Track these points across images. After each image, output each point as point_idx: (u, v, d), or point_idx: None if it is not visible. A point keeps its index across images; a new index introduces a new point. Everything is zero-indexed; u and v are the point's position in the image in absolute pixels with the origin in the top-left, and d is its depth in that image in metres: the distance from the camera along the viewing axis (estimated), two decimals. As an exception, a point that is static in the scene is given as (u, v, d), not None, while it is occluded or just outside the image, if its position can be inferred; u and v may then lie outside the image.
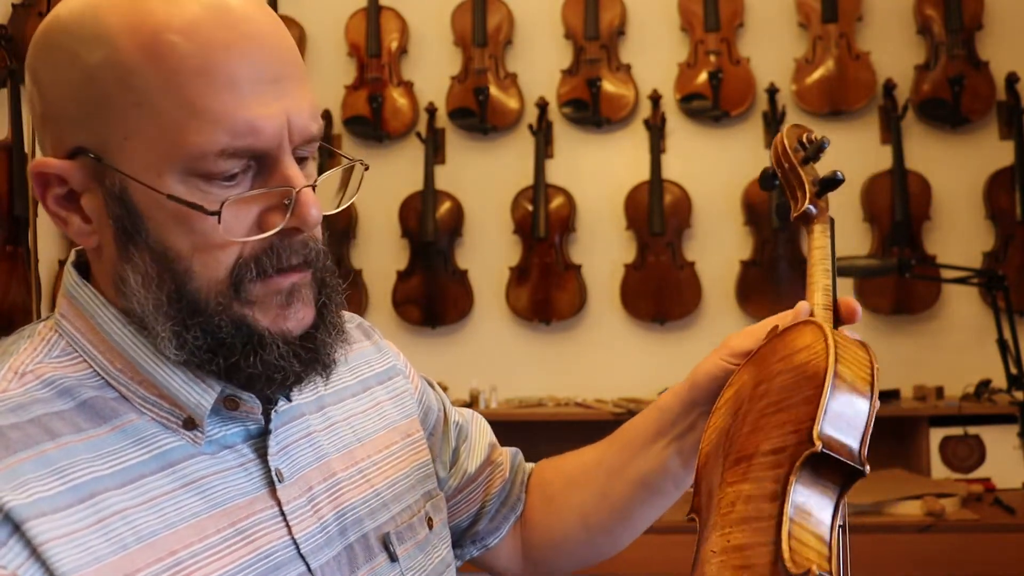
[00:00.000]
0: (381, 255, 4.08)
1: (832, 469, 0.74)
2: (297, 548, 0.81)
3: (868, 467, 0.73)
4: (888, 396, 3.57)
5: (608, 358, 3.85)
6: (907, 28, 3.80)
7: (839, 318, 0.93)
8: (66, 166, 0.76)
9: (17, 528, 0.67)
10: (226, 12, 0.73)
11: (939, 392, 3.56)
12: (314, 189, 0.78)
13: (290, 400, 0.86)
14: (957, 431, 3.40)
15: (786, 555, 0.69)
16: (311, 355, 0.80)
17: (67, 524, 0.69)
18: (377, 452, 0.95)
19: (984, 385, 3.40)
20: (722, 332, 1.00)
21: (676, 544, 2.77)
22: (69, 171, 0.76)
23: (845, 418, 0.75)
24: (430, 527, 0.97)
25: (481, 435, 1.14)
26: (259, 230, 0.76)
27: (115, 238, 0.77)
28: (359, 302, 4.04)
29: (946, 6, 3.70)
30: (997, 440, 3.35)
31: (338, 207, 0.86)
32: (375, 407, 0.99)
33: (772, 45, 3.87)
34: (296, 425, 0.87)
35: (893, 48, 3.80)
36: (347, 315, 1.08)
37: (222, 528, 0.77)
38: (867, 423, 0.75)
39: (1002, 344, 2.74)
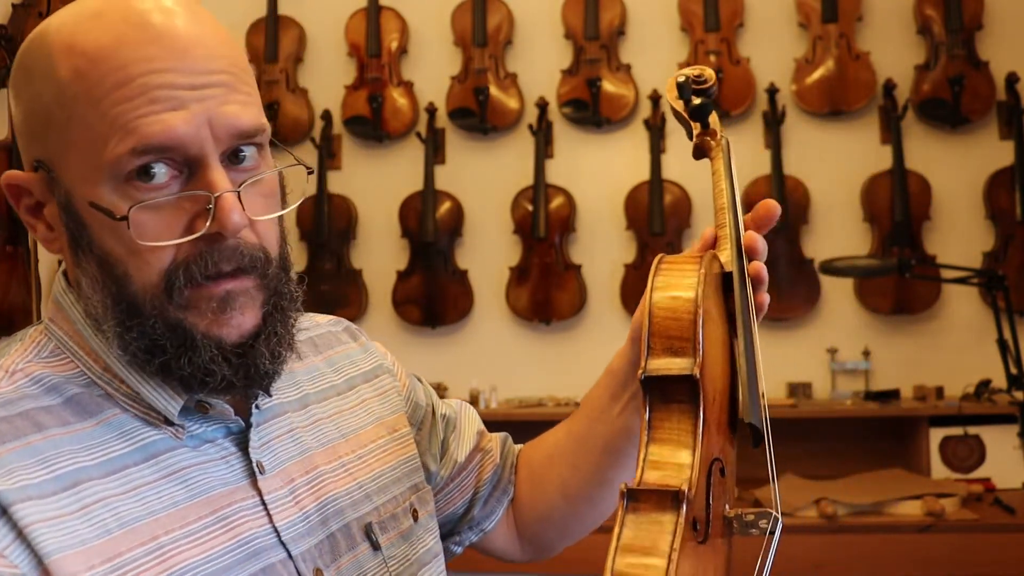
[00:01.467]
0: (381, 255, 4.08)
1: (672, 386, 0.79)
2: (278, 535, 0.84)
3: (699, 371, 0.78)
4: (888, 396, 3.57)
5: (608, 358, 3.82)
6: (907, 28, 3.80)
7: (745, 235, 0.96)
8: (29, 178, 0.81)
9: (4, 511, 0.71)
10: (149, 28, 0.77)
11: (939, 392, 3.56)
12: (240, 195, 0.78)
13: (270, 395, 0.89)
14: (957, 431, 3.40)
15: (636, 481, 0.74)
16: (242, 362, 0.80)
17: (51, 509, 0.73)
18: (362, 447, 0.99)
19: (984, 385, 3.39)
20: (722, 332, 0.99)
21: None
22: (32, 183, 0.81)
23: (669, 334, 0.81)
24: (415, 518, 1.01)
25: (469, 424, 1.18)
26: (187, 235, 0.78)
27: (68, 245, 0.81)
28: (359, 302, 4.05)
29: (946, 6, 3.70)
30: (997, 440, 3.35)
31: (272, 213, 0.84)
32: (361, 404, 1.03)
33: (772, 45, 3.87)
34: (279, 422, 0.91)
35: (893, 48, 3.80)
36: (334, 319, 1.12)
37: (203, 516, 0.80)
38: (693, 329, 0.80)
39: (1002, 344, 2.74)
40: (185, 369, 0.78)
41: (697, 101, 1.02)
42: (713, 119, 1.04)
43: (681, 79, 1.03)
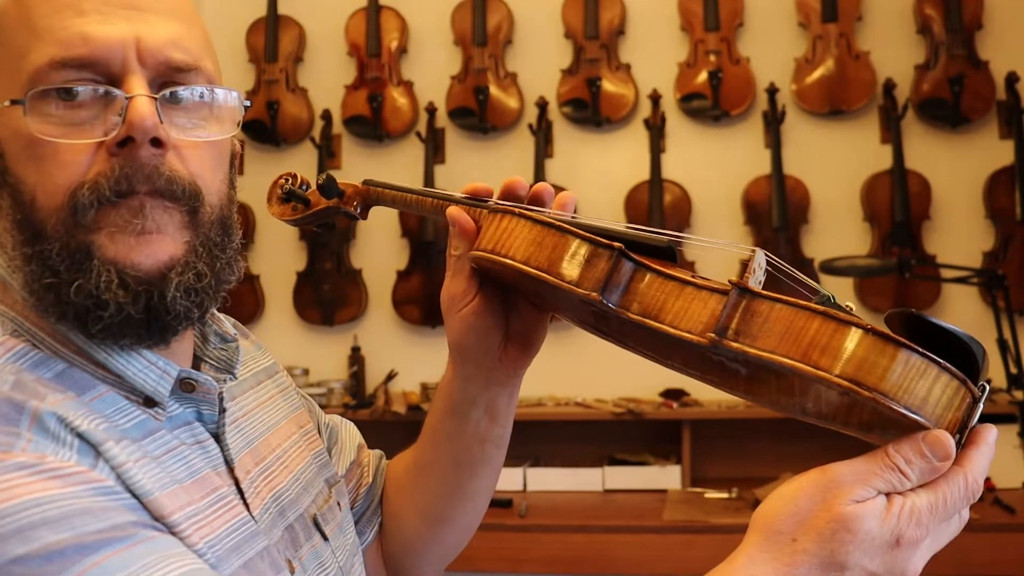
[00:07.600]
0: (381, 255, 4.08)
1: (618, 277, 0.81)
2: (256, 525, 0.81)
3: (616, 246, 0.80)
4: (888, 396, 3.57)
5: (608, 358, 3.81)
6: (907, 28, 3.80)
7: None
8: None
9: (97, 453, 0.67)
10: None
11: (939, 392, 3.55)
12: (160, 114, 0.72)
13: (235, 376, 0.87)
14: (957, 431, 3.40)
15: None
16: (146, 290, 0.71)
17: (127, 453, 0.69)
18: (284, 440, 0.96)
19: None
20: (722, 332, 0.98)
21: (678, 544, 2.77)
22: None
23: (560, 261, 0.84)
24: (340, 509, 0.99)
25: (351, 437, 1.15)
26: (93, 139, 0.72)
27: None
28: (359, 302, 4.04)
29: (946, 6, 3.70)
30: (997, 440, 3.34)
31: (211, 148, 0.77)
32: (270, 399, 1.00)
33: (772, 45, 3.87)
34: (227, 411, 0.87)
35: (893, 48, 3.80)
36: (220, 316, 1.06)
37: (206, 494, 0.76)
38: (567, 237, 0.84)
39: (1002, 344, 2.74)
40: (72, 298, 0.69)
41: (311, 190, 1.03)
42: (340, 185, 1.04)
43: (284, 189, 1.03)
